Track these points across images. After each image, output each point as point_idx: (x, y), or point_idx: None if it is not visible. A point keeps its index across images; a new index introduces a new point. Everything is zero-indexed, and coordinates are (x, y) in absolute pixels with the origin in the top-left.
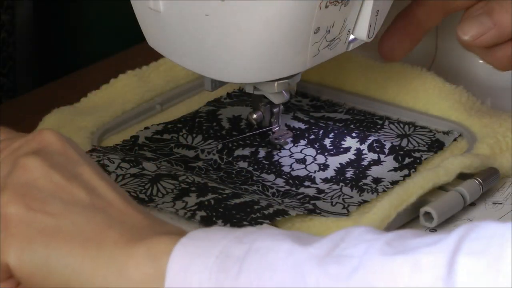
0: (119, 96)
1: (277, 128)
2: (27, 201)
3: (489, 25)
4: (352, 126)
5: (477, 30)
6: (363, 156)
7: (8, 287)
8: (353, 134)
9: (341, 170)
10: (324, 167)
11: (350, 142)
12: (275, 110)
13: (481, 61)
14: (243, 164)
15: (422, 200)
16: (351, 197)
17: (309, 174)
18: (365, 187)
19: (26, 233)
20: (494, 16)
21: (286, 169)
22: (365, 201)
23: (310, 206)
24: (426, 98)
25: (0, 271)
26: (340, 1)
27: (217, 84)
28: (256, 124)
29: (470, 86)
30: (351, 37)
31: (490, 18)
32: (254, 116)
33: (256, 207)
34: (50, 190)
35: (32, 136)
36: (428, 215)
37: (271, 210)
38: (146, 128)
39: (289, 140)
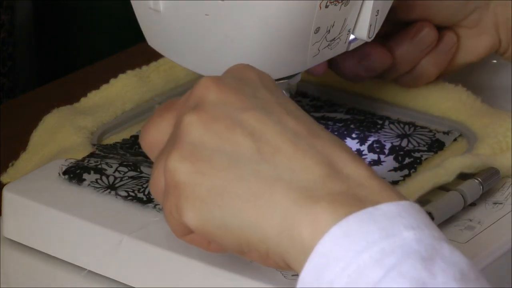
0: (119, 96)
1: None
2: (193, 161)
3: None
4: (352, 126)
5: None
6: (363, 157)
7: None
8: (353, 135)
9: None
10: None
11: (350, 142)
12: None
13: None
14: None
15: (422, 200)
16: None
17: None
18: None
19: (198, 196)
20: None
21: None
22: None
23: None
24: (426, 98)
25: (182, 229)
26: (340, 1)
27: None
28: None
29: (470, 86)
30: (351, 37)
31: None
32: None
33: None
34: (213, 145)
35: (190, 92)
36: (428, 215)
37: None
38: None
39: None
